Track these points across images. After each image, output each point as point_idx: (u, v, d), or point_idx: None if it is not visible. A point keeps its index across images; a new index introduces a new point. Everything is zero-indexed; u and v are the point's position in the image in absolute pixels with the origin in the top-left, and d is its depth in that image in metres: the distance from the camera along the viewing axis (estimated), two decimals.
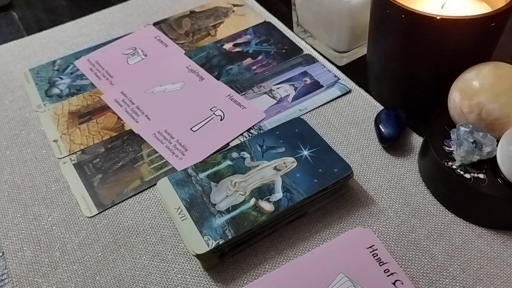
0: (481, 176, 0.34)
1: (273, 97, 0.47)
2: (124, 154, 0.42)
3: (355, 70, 0.49)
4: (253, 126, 0.44)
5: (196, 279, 0.34)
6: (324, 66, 0.49)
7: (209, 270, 0.35)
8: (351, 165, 0.37)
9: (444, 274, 0.33)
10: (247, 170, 0.37)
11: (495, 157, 0.34)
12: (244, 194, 0.36)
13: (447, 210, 0.37)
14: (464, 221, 0.36)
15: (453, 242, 0.35)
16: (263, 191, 0.36)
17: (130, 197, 0.39)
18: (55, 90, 0.49)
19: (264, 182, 0.36)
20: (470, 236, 0.35)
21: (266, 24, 0.56)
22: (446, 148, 0.36)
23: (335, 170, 0.36)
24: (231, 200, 0.35)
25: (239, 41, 0.53)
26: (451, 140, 0.36)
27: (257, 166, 0.37)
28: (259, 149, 0.39)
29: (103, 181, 0.40)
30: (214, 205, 0.35)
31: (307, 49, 0.52)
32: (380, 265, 0.33)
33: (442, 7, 0.39)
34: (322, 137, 0.39)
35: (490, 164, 0.34)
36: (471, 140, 0.34)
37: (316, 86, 0.47)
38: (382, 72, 0.44)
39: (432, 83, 0.40)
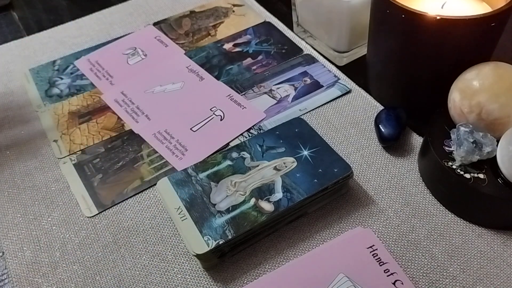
0: (481, 176, 0.34)
1: (273, 97, 0.47)
2: (124, 154, 0.42)
3: (355, 70, 0.49)
4: (253, 126, 0.44)
5: (196, 279, 0.34)
6: (324, 66, 0.49)
7: (209, 270, 0.35)
8: (351, 165, 0.37)
9: (444, 274, 0.33)
10: (247, 170, 0.37)
11: (495, 157, 0.33)
12: (244, 194, 0.36)
13: (447, 210, 0.37)
14: (464, 221, 0.36)
15: (453, 242, 0.35)
16: (263, 191, 0.36)
17: (130, 197, 0.39)
18: (55, 90, 0.49)
19: (264, 182, 0.36)
20: (470, 236, 0.35)
21: (266, 24, 0.56)
22: (446, 148, 0.36)
23: (335, 170, 0.36)
24: (231, 200, 0.35)
25: (239, 41, 0.54)
26: (451, 140, 0.36)
27: (257, 166, 0.37)
28: (259, 149, 0.39)
29: (103, 181, 0.40)
30: (214, 205, 0.35)
31: (307, 49, 0.52)
32: (380, 265, 0.33)
33: (442, 7, 0.39)
34: (322, 137, 0.39)
35: (490, 164, 0.34)
36: (471, 140, 0.34)
37: (316, 86, 0.47)
38: (382, 72, 0.43)
39: (432, 83, 0.40)
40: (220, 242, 0.33)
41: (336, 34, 0.48)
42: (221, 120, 0.45)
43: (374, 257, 0.34)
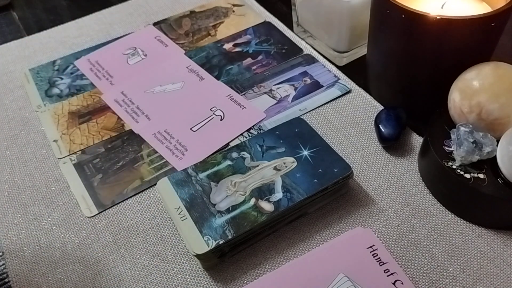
0: (481, 176, 0.34)
1: (273, 97, 0.47)
2: (124, 154, 0.43)
3: (355, 70, 0.49)
4: (253, 126, 0.44)
5: (196, 279, 0.34)
6: (324, 66, 0.49)
7: (209, 270, 0.35)
8: (351, 165, 0.37)
9: (444, 274, 0.33)
10: (247, 170, 0.37)
11: (495, 157, 0.34)
12: (244, 194, 0.36)
13: (447, 210, 0.37)
14: (464, 221, 0.36)
15: (453, 242, 0.35)
16: (263, 191, 0.36)
17: (130, 197, 0.39)
18: (55, 90, 0.49)
19: (264, 182, 0.36)
20: (470, 236, 0.35)
21: (266, 24, 0.56)
22: (446, 148, 0.36)
23: (335, 170, 0.36)
24: (231, 200, 0.35)
25: (239, 41, 0.54)
26: (451, 140, 0.36)
27: (257, 166, 0.37)
28: (259, 149, 0.39)
29: (103, 181, 0.40)
30: (214, 205, 0.35)
31: (307, 49, 0.52)
32: (380, 265, 0.33)
33: (442, 7, 0.39)
34: (322, 137, 0.39)
35: (490, 164, 0.34)
36: (471, 140, 0.34)
37: (316, 86, 0.47)
38: (382, 72, 0.44)
39: (432, 83, 0.40)
40: (220, 242, 0.33)
41: (336, 34, 0.48)
42: (221, 120, 0.45)
43: (374, 257, 0.34)
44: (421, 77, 0.40)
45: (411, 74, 0.40)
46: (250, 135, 0.43)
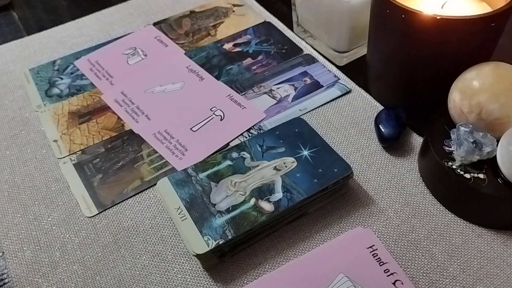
0: (481, 176, 0.34)
1: (273, 97, 0.47)
2: (124, 154, 0.43)
3: (355, 70, 0.49)
4: (253, 126, 0.44)
5: (196, 279, 0.34)
6: (324, 66, 0.49)
7: (209, 270, 0.35)
8: (351, 165, 0.37)
9: (444, 274, 0.33)
10: (247, 170, 0.37)
11: (495, 157, 0.34)
12: (244, 194, 0.36)
13: (447, 210, 0.37)
14: (464, 221, 0.36)
15: (453, 242, 0.35)
16: (263, 191, 0.36)
17: (130, 197, 0.39)
18: (55, 90, 0.49)
19: (264, 182, 0.36)
20: (470, 236, 0.35)
21: (266, 24, 0.56)
22: (446, 148, 0.36)
23: (335, 170, 0.36)
24: (231, 200, 0.35)
25: (239, 41, 0.54)
26: (451, 140, 0.36)
27: (257, 166, 0.37)
28: (259, 149, 0.39)
29: (103, 181, 0.40)
30: (214, 205, 0.35)
31: (307, 49, 0.52)
32: (380, 265, 0.33)
33: (442, 7, 0.39)
34: (322, 137, 0.39)
35: (490, 164, 0.34)
36: (471, 140, 0.34)
37: (316, 86, 0.47)
38: (382, 72, 0.43)
39: (432, 83, 0.40)
40: (220, 242, 0.33)
41: (336, 34, 0.48)
42: (221, 120, 0.45)
43: (374, 257, 0.34)
44: (421, 77, 0.40)
45: (411, 74, 0.40)
46: (250, 135, 0.43)
